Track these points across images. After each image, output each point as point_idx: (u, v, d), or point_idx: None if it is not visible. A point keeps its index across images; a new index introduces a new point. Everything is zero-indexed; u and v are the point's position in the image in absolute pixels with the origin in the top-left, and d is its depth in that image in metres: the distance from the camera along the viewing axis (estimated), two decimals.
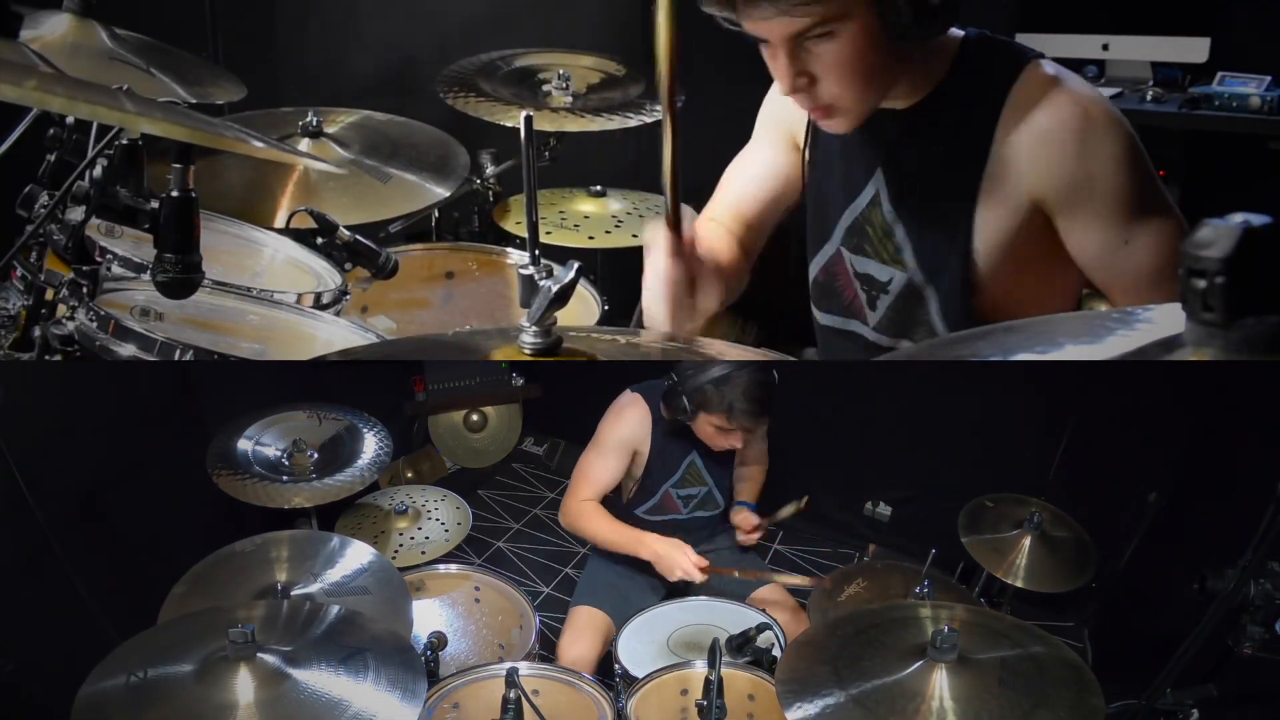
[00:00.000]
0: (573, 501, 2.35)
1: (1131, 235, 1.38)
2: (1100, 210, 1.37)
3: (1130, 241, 1.38)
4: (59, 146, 1.32)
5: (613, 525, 2.31)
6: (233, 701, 1.27)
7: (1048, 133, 1.36)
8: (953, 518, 2.21)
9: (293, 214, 1.88)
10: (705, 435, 2.23)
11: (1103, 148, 1.35)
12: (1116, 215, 1.37)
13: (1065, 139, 1.35)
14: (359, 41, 3.19)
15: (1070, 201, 1.38)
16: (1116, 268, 1.41)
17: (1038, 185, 1.39)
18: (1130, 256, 1.39)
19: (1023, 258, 1.45)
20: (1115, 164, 1.35)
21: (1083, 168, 1.35)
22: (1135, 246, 1.38)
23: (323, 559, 1.87)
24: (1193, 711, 1.70)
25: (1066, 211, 1.40)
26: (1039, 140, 1.36)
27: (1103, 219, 1.37)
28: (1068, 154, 1.35)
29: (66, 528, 1.90)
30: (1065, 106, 1.35)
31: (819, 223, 1.65)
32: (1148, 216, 1.38)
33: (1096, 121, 1.35)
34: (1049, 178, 1.38)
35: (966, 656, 1.35)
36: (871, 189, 1.54)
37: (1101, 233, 1.39)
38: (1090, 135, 1.35)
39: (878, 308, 1.60)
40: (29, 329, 1.38)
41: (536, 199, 1.21)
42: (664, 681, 1.87)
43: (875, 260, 1.57)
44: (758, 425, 2.20)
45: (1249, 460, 2.20)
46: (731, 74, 1.74)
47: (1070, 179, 1.36)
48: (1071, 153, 1.35)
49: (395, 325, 2.08)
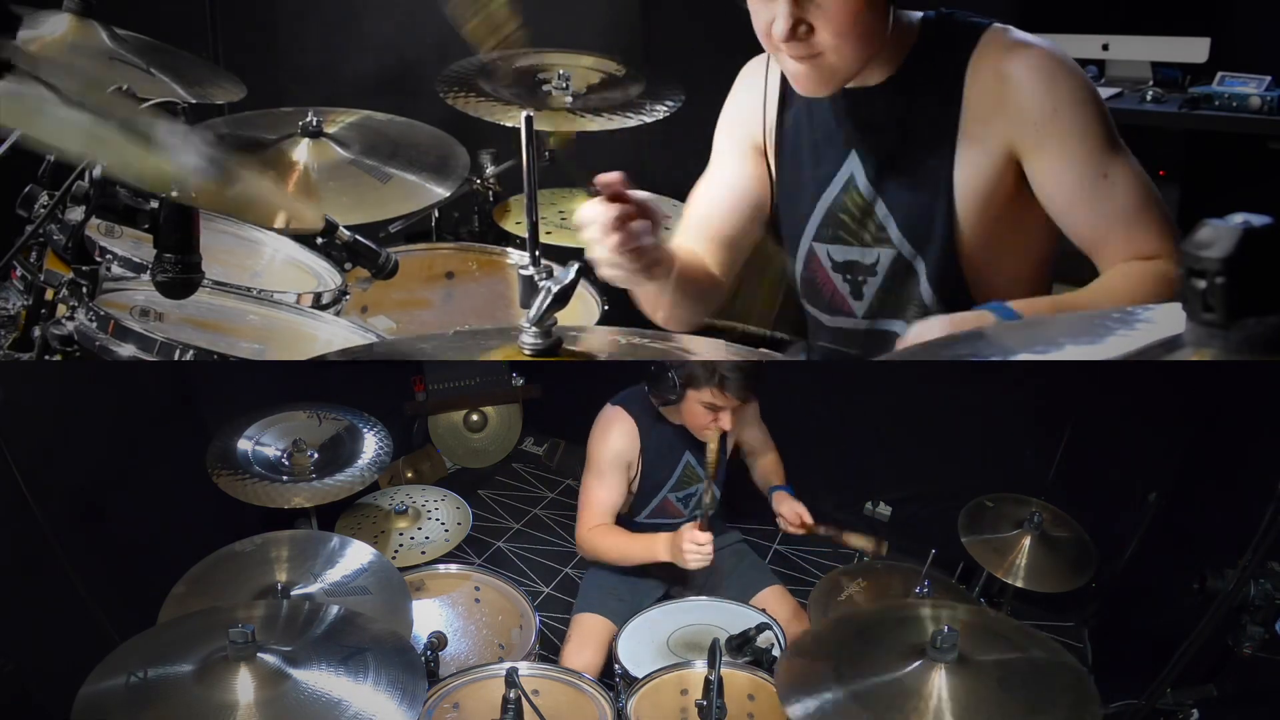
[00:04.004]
0: (583, 530, 2.30)
1: (1110, 169, 1.43)
2: (1072, 146, 1.43)
3: (1109, 175, 1.43)
4: None
5: (628, 541, 2.26)
6: (233, 701, 1.27)
7: (1011, 78, 1.43)
8: (953, 518, 2.21)
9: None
10: (695, 421, 2.18)
11: (1064, 86, 1.43)
12: (1089, 150, 1.43)
13: (1028, 80, 1.42)
14: (359, 41, 3.19)
15: (1041, 139, 1.44)
16: (1095, 205, 1.44)
17: (1008, 129, 1.45)
18: (1112, 191, 1.43)
19: (1003, 214, 1.50)
20: (1079, 100, 1.43)
21: (1050, 102, 1.42)
22: (1115, 179, 1.43)
23: (323, 559, 1.87)
24: (1193, 711, 1.70)
25: (1037, 151, 1.45)
26: (1005, 85, 1.44)
27: (1076, 155, 1.43)
28: (1033, 93, 1.42)
29: (66, 528, 1.90)
30: (1026, 54, 1.44)
31: (791, 222, 1.67)
32: (1120, 152, 1.45)
33: (1056, 63, 1.44)
34: (1018, 119, 1.44)
35: (966, 657, 1.36)
36: (845, 173, 1.58)
37: (1077, 169, 1.43)
38: (1052, 75, 1.43)
39: (864, 294, 1.62)
40: (29, 329, 1.38)
41: (537, 199, 1.21)
42: (664, 681, 1.86)
43: (856, 245, 1.60)
44: (748, 397, 2.15)
45: (1249, 460, 2.20)
46: (731, 74, 1.75)
47: (1038, 115, 1.43)
48: (1036, 91, 1.42)
49: (395, 325, 2.08)
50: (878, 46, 1.45)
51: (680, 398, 2.15)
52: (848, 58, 1.43)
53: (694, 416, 2.18)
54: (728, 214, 1.71)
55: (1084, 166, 1.43)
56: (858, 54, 1.43)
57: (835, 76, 1.46)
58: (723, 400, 2.10)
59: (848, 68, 1.45)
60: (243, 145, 2.06)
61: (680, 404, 2.17)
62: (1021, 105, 1.43)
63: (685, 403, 2.16)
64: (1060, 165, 1.44)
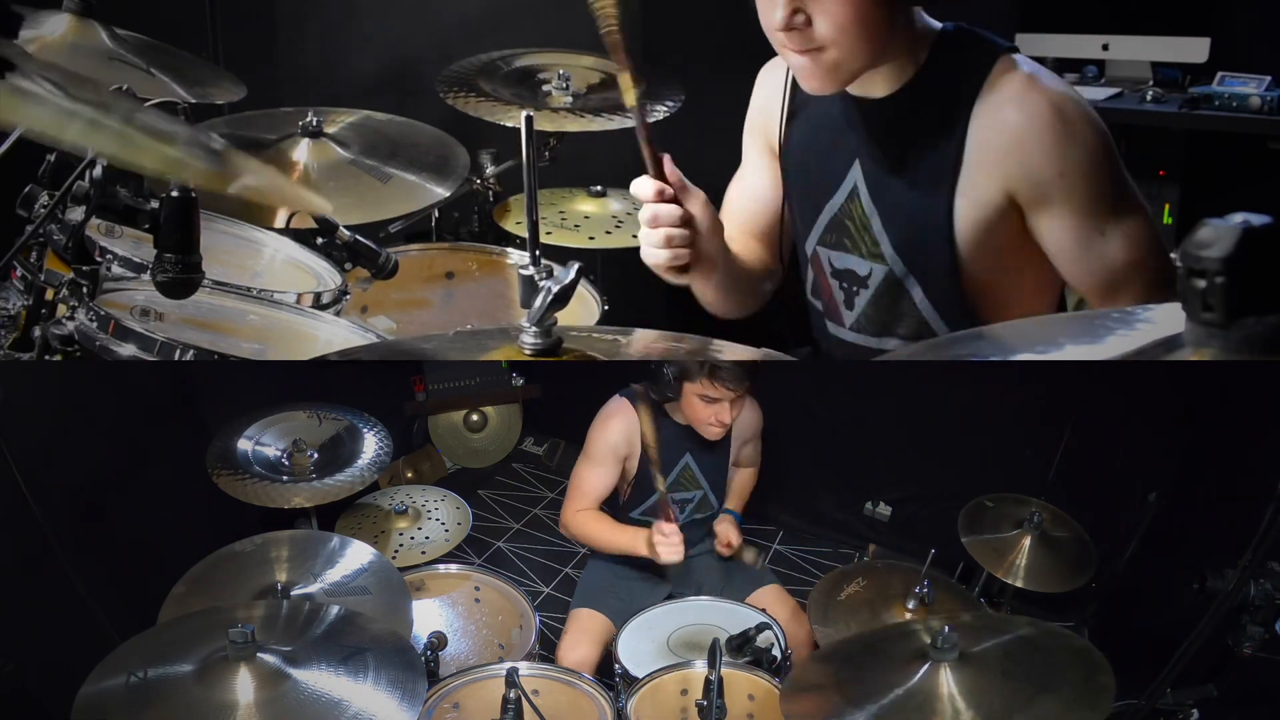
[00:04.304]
0: (569, 513, 2.35)
1: (1106, 228, 1.40)
2: (1073, 206, 1.39)
3: (1105, 233, 1.40)
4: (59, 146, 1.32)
5: (611, 529, 2.30)
6: (233, 701, 1.27)
7: (1019, 130, 1.38)
8: (953, 518, 2.21)
9: (293, 214, 1.88)
10: (695, 415, 2.20)
11: (1074, 147, 1.37)
12: (1089, 211, 1.39)
13: (1037, 138, 1.37)
14: (359, 41, 3.19)
15: (1042, 198, 1.41)
16: (1091, 262, 1.43)
17: (1010, 182, 1.41)
18: (1105, 250, 1.41)
19: (1007, 247, 1.47)
20: (1087, 163, 1.37)
21: (1055, 166, 1.37)
22: (1110, 239, 1.41)
23: (323, 559, 1.87)
24: (1193, 711, 1.70)
25: (1039, 207, 1.42)
26: (1011, 138, 1.38)
27: (1076, 214, 1.40)
28: (1039, 152, 1.37)
29: (66, 528, 1.89)
30: (1037, 104, 1.37)
31: (801, 224, 1.67)
32: (1120, 212, 1.41)
33: (1068, 119, 1.37)
34: (1021, 176, 1.40)
35: (967, 653, 1.36)
36: (850, 181, 1.56)
37: (1075, 228, 1.41)
38: (1062, 134, 1.36)
39: (855, 305, 1.62)
40: (29, 329, 1.38)
41: (537, 199, 1.21)
42: (664, 681, 1.86)
43: (855, 254, 1.59)
44: (743, 386, 2.15)
45: (1249, 460, 2.20)
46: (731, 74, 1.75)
47: (1042, 177, 1.38)
48: (1043, 151, 1.37)
49: (395, 325, 2.08)
50: (883, 45, 1.41)
51: (678, 394, 2.16)
52: (850, 53, 1.38)
53: (695, 411, 2.20)
54: (757, 213, 1.74)
55: (1081, 227, 1.40)
56: (860, 50, 1.38)
57: (838, 73, 1.41)
58: (716, 391, 2.12)
59: (851, 64, 1.40)
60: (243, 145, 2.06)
61: (678, 399, 2.19)
62: (1027, 161, 1.38)
63: (684, 397, 2.18)
64: (1058, 224, 1.41)
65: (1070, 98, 1.39)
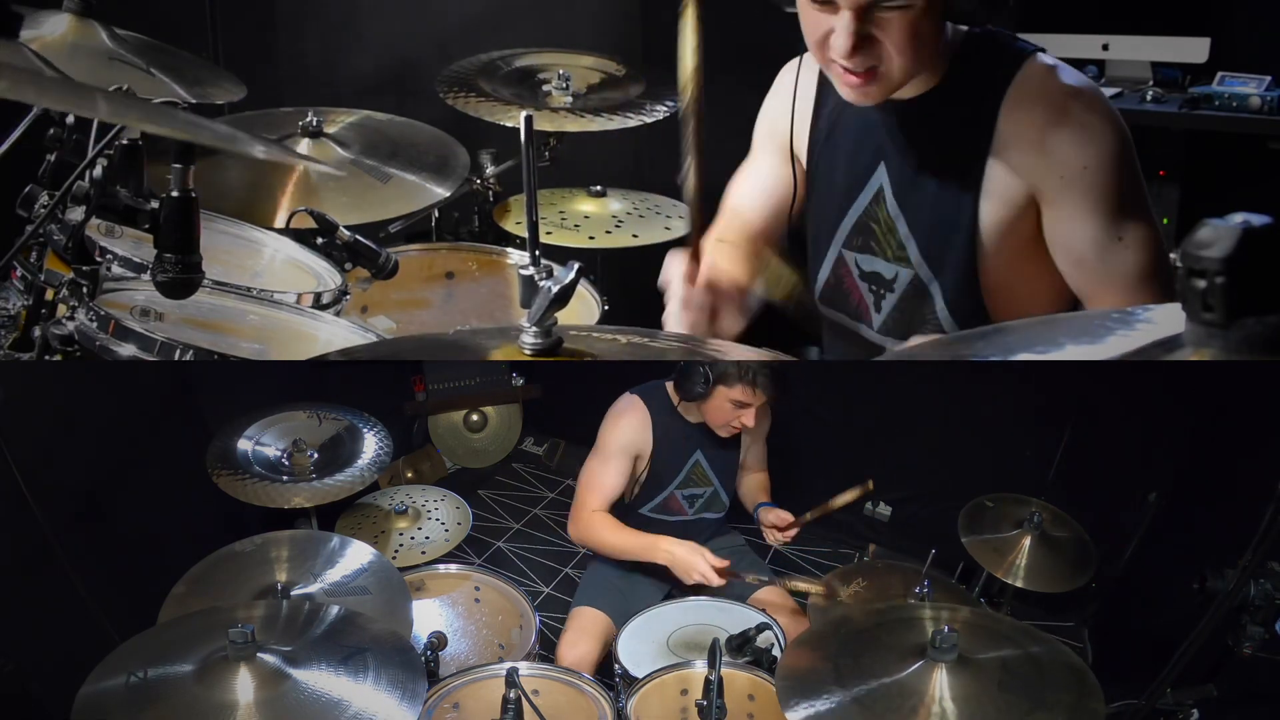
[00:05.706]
0: (582, 513, 2.31)
1: (1125, 232, 1.40)
2: (1093, 204, 1.39)
3: (1124, 238, 1.40)
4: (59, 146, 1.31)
5: (625, 534, 2.27)
6: (233, 701, 1.27)
7: (1046, 125, 1.38)
8: (953, 518, 2.21)
9: (293, 214, 1.88)
10: (718, 418, 2.22)
11: (1099, 143, 1.38)
12: (1108, 210, 1.39)
13: (1064, 133, 1.38)
14: (359, 41, 3.19)
15: (1063, 193, 1.40)
16: (1106, 268, 1.42)
17: (1035, 177, 1.41)
18: (1123, 255, 1.40)
19: (1025, 249, 1.47)
20: (1110, 160, 1.38)
21: (1078, 160, 1.38)
22: (1129, 243, 1.40)
23: (323, 559, 1.87)
24: (1193, 711, 1.70)
25: (1058, 203, 1.42)
26: (1038, 132, 1.39)
27: (1095, 213, 1.40)
28: (1066, 144, 1.38)
29: (66, 528, 1.89)
30: (1064, 99, 1.38)
31: (823, 227, 1.65)
32: (1138, 216, 1.41)
33: (1096, 113, 1.38)
34: (1046, 169, 1.40)
35: (966, 657, 1.36)
36: (875, 183, 1.55)
37: (1093, 229, 1.40)
38: (1088, 127, 1.37)
39: (883, 308, 1.61)
40: (29, 329, 1.38)
41: (536, 199, 1.21)
42: (664, 681, 1.87)
43: (881, 258, 1.58)
44: (778, 394, 2.19)
45: (1249, 460, 2.20)
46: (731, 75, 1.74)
47: (1066, 170, 1.39)
48: (1070, 143, 1.38)
49: (395, 325, 2.08)
50: (927, 61, 1.42)
51: (708, 393, 2.17)
52: (904, 71, 1.38)
53: (718, 413, 2.22)
54: (760, 208, 1.74)
55: (1099, 228, 1.40)
56: (912, 67, 1.39)
57: (887, 88, 1.41)
58: (752, 397, 2.15)
59: (899, 80, 1.40)
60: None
61: (706, 400, 2.19)
62: (1052, 156, 1.39)
63: (712, 399, 2.19)
64: (1076, 223, 1.41)
65: (1097, 95, 1.41)
